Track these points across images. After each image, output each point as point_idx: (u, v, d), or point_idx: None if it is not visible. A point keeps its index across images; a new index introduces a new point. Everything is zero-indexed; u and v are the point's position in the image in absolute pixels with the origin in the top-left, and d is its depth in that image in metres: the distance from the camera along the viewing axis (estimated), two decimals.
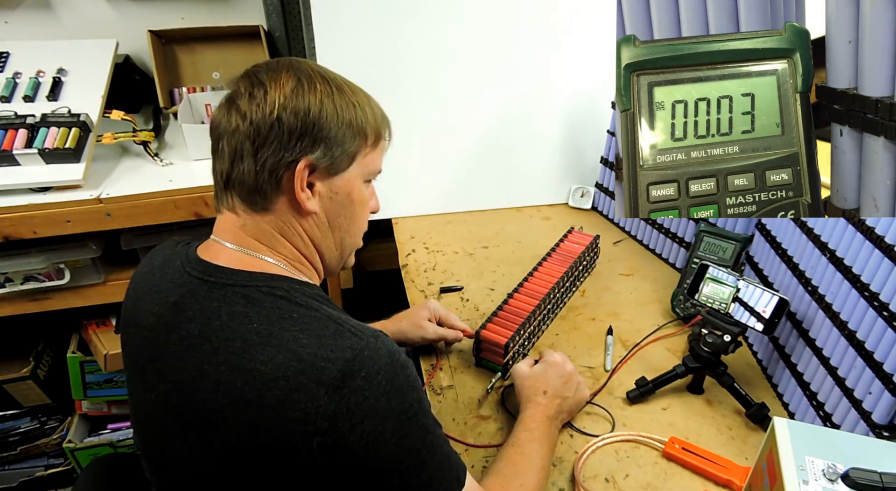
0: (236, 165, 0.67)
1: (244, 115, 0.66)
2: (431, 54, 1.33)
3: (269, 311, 0.64)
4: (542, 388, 0.89)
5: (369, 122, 0.72)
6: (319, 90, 0.68)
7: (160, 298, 0.71)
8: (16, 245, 1.27)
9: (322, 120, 0.68)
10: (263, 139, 0.66)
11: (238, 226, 0.71)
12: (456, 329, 1.05)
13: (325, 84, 0.69)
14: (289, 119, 0.66)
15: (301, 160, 0.67)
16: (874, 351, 0.76)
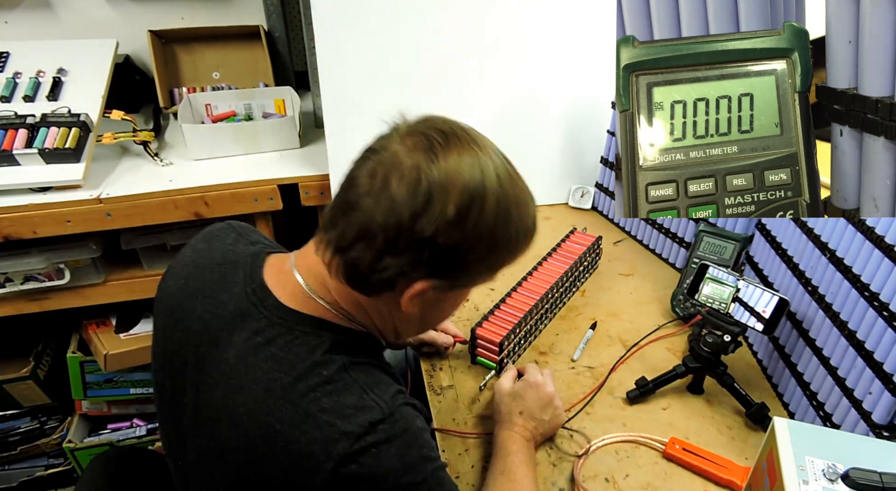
0: (357, 244, 0.60)
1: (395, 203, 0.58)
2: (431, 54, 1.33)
3: (301, 362, 0.62)
4: (518, 408, 0.87)
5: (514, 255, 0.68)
6: (489, 211, 0.60)
7: (213, 305, 0.69)
8: (16, 245, 1.27)
9: (469, 256, 0.62)
10: (399, 247, 0.59)
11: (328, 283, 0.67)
12: (448, 334, 1.05)
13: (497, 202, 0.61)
14: (438, 242, 0.59)
15: (423, 281, 0.62)
16: (874, 351, 0.76)
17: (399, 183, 0.58)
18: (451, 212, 0.58)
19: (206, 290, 0.71)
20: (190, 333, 0.69)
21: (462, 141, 0.61)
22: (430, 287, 0.63)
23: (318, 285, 0.68)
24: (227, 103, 1.55)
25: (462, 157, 0.60)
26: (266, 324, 0.65)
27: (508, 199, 0.63)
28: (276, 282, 0.69)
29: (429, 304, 0.68)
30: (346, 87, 1.30)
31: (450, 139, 0.61)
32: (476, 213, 0.59)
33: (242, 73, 1.67)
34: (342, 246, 0.61)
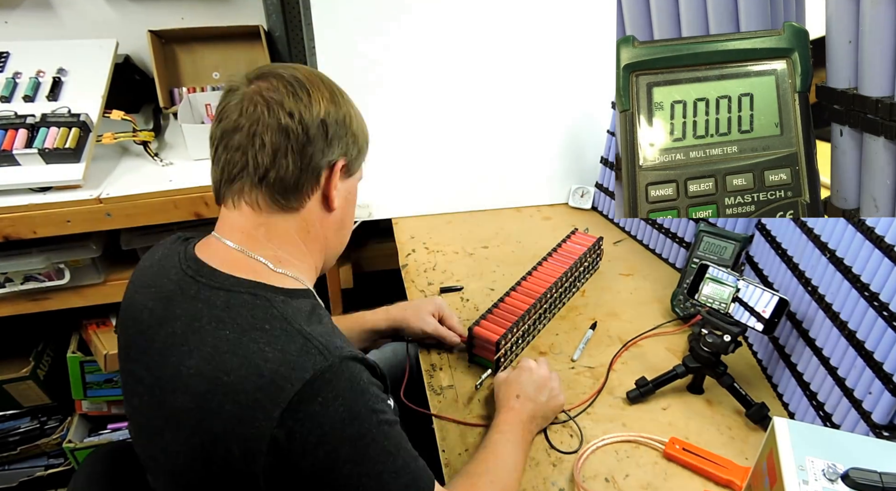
0: (278, 161, 0.67)
1: (291, 114, 0.67)
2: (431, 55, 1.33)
3: (244, 319, 0.65)
4: (514, 391, 0.89)
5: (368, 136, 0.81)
6: (347, 101, 0.75)
7: (155, 292, 0.72)
8: (16, 245, 1.27)
9: (353, 127, 0.74)
10: (311, 138, 0.69)
11: (253, 224, 0.71)
12: (455, 332, 1.06)
13: (345, 96, 0.75)
14: (332, 123, 0.70)
15: (340, 160, 0.72)
16: (874, 351, 0.76)
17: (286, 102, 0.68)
18: (326, 95, 0.71)
19: (147, 282, 0.74)
20: (139, 324, 0.71)
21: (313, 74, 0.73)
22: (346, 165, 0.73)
23: (246, 238, 0.71)
24: None
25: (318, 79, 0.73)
26: (205, 290, 0.68)
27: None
28: (208, 254, 0.72)
29: (343, 200, 0.76)
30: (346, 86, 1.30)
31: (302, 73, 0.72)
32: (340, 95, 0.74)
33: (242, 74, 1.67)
34: (266, 171, 0.68)
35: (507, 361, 1.03)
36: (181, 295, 0.69)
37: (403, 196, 1.46)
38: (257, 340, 0.63)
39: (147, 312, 0.71)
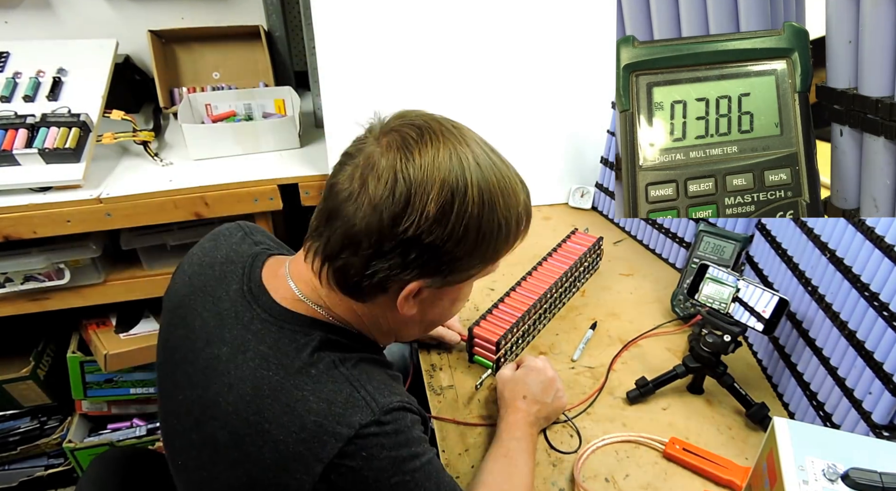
0: (343, 251, 0.61)
1: (375, 207, 0.58)
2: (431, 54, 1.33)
3: (290, 361, 0.62)
4: (521, 392, 0.88)
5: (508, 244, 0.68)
6: (470, 202, 0.59)
7: (212, 302, 0.69)
8: (16, 245, 1.27)
9: (458, 251, 0.61)
10: (385, 251, 0.60)
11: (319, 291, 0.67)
12: (454, 330, 1.06)
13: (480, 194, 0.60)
14: (423, 241, 0.59)
15: (415, 281, 0.62)
16: (874, 351, 0.76)
17: (376, 185, 0.58)
18: (432, 210, 0.58)
19: (206, 287, 0.71)
20: (190, 330, 0.70)
21: (438, 134, 0.60)
22: (424, 286, 0.63)
23: (310, 292, 0.67)
24: (227, 103, 1.55)
25: (439, 151, 0.59)
26: (257, 321, 0.65)
27: (492, 189, 0.61)
28: (272, 285, 0.69)
29: (427, 303, 0.67)
30: (346, 87, 1.30)
31: (425, 134, 0.60)
32: (459, 207, 0.59)
33: (242, 73, 1.67)
34: (329, 254, 0.62)
35: (508, 361, 1.03)
36: (234, 318, 0.66)
37: None
38: (301, 387, 0.60)
39: (201, 322, 0.69)
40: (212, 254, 0.76)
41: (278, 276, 0.70)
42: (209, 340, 0.67)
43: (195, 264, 0.76)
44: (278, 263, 0.72)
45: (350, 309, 0.67)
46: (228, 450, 0.62)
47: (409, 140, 0.60)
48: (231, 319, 0.67)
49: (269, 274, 0.70)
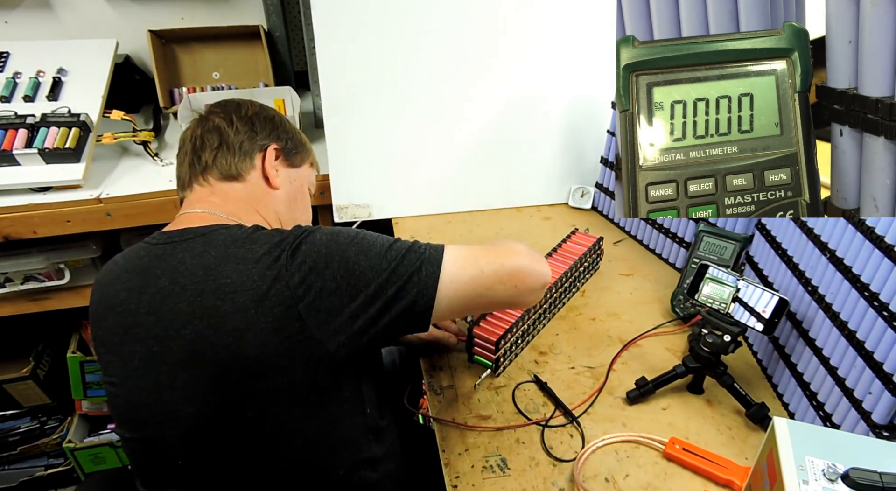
0: (218, 151, 0.86)
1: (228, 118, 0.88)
2: (431, 54, 1.33)
3: (224, 239, 0.73)
4: None
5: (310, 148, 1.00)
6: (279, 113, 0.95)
7: (127, 275, 0.76)
8: (16, 245, 1.27)
9: (283, 123, 0.94)
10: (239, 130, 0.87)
11: (208, 194, 0.85)
12: (450, 331, 1.05)
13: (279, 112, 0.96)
14: (261, 118, 0.91)
15: (272, 145, 0.90)
16: (874, 351, 0.76)
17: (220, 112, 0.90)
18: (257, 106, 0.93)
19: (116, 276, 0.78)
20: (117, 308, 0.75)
21: None
22: (278, 150, 0.90)
23: (207, 206, 0.83)
24: None
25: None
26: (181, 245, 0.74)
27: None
28: (174, 225, 0.80)
29: (288, 184, 0.91)
30: (346, 87, 1.31)
31: None
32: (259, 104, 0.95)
33: (242, 73, 1.68)
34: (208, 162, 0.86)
35: (507, 361, 1.03)
36: (157, 259, 0.75)
37: (403, 196, 1.46)
38: (242, 246, 0.72)
39: (124, 293, 0.74)
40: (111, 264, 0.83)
41: (176, 220, 0.83)
42: (140, 291, 0.73)
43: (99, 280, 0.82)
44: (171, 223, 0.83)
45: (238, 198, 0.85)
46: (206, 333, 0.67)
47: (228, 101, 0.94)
48: (154, 263, 0.74)
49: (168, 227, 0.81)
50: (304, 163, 0.97)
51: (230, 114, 0.89)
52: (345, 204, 1.40)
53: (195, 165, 0.86)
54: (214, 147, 0.86)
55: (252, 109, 0.91)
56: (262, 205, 0.87)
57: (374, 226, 1.54)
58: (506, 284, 0.77)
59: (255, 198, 0.87)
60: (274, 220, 0.89)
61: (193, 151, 0.87)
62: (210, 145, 0.86)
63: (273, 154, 0.89)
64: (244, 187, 0.86)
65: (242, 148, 0.87)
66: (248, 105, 0.92)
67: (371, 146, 1.36)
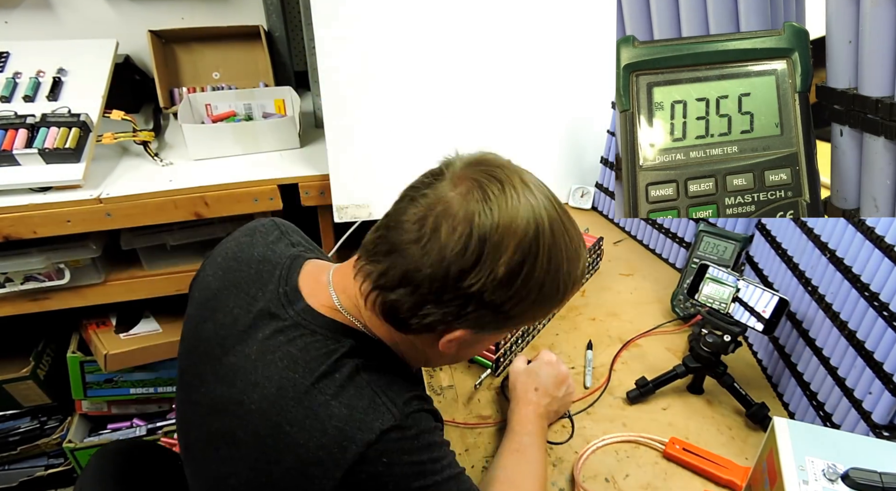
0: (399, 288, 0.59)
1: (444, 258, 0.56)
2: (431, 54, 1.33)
3: (317, 364, 0.62)
4: (533, 384, 0.89)
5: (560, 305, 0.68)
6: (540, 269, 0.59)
7: (245, 301, 0.69)
8: (16, 245, 1.27)
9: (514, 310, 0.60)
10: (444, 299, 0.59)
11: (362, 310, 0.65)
12: None
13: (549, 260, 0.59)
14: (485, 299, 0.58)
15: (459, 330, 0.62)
16: (874, 351, 0.76)
17: (450, 235, 0.56)
18: (502, 272, 0.57)
19: (241, 284, 0.71)
20: (219, 326, 0.69)
21: (518, 190, 0.59)
22: (471, 334, 0.62)
23: (351, 306, 0.66)
24: (227, 103, 1.55)
25: (519, 211, 0.57)
26: (290, 324, 0.65)
27: (560, 255, 0.60)
28: (310, 290, 0.68)
29: (467, 344, 0.66)
30: (346, 87, 1.30)
31: (506, 188, 0.58)
32: (528, 271, 0.58)
33: (242, 73, 1.68)
34: (383, 286, 0.60)
35: (507, 361, 1.03)
36: (268, 319, 0.66)
37: None
38: (325, 392, 0.60)
39: (231, 319, 0.69)
40: (247, 250, 0.75)
41: (319, 282, 0.68)
42: (240, 337, 0.67)
43: (230, 259, 0.75)
44: (319, 269, 0.71)
45: (388, 333, 0.66)
46: (248, 448, 0.62)
47: (490, 193, 0.57)
48: (265, 320, 0.66)
49: (309, 279, 0.69)
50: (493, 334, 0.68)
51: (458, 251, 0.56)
52: (345, 204, 1.40)
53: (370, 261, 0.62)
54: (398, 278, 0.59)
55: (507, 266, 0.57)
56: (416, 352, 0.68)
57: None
58: None
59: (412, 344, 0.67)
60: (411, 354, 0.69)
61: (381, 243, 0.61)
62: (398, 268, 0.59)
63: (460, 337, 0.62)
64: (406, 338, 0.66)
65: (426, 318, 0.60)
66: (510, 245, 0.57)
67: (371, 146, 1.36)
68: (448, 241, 0.56)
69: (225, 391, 0.66)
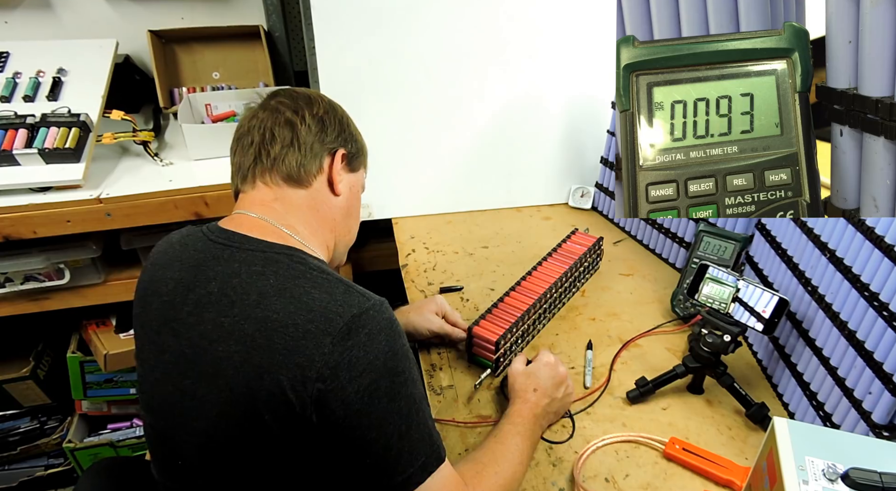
0: (289, 149, 0.80)
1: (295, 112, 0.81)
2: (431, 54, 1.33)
3: (286, 270, 0.70)
4: (532, 385, 0.90)
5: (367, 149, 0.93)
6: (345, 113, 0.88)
7: (181, 265, 0.75)
8: (16, 245, 1.27)
9: (352, 129, 0.88)
10: (311, 129, 0.81)
11: (271, 198, 0.80)
12: (459, 327, 1.06)
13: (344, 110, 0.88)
14: (331, 118, 0.84)
15: (340, 149, 0.84)
16: (874, 351, 0.76)
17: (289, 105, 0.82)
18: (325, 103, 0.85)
19: (169, 260, 0.77)
20: (164, 296, 0.74)
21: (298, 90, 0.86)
22: (345, 156, 0.84)
23: (268, 212, 0.79)
24: (227, 103, 1.55)
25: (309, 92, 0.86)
26: (241, 253, 0.72)
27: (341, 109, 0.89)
28: (235, 225, 0.77)
29: (347, 191, 0.86)
30: (346, 87, 1.31)
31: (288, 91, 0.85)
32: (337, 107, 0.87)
33: (242, 73, 1.68)
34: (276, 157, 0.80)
35: (507, 361, 1.03)
36: (213, 260, 0.73)
37: (403, 196, 1.46)
38: (302, 285, 0.68)
39: (172, 283, 0.74)
40: (166, 242, 0.83)
41: (233, 218, 0.79)
42: (189, 288, 0.72)
43: (153, 258, 0.82)
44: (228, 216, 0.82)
45: (300, 208, 0.81)
46: (235, 356, 0.66)
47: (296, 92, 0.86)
48: (209, 263, 0.73)
49: (226, 222, 0.79)
50: (361, 166, 0.93)
51: (302, 109, 0.83)
52: None
53: (262, 160, 0.81)
54: (286, 144, 0.81)
55: (323, 107, 0.85)
56: (321, 215, 0.84)
57: (374, 225, 1.54)
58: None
59: (315, 207, 0.83)
60: (329, 230, 0.85)
61: (262, 144, 0.81)
62: (282, 141, 0.81)
63: (340, 159, 0.84)
64: (307, 194, 0.82)
65: (313, 149, 0.82)
66: (318, 101, 0.85)
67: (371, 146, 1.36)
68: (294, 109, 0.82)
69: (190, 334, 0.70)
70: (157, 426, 0.76)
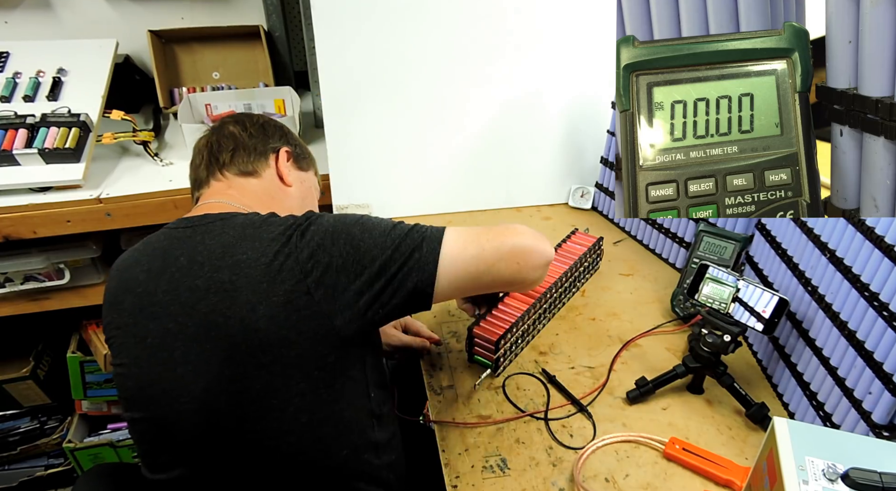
0: (235, 152, 0.92)
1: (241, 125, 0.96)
2: (431, 54, 1.33)
3: (241, 223, 0.77)
4: None
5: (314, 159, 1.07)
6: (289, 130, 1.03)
7: (147, 259, 0.79)
8: (16, 245, 1.27)
9: (290, 132, 1.01)
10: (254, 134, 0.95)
11: (226, 187, 0.89)
12: (421, 336, 1.05)
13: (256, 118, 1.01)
14: (271, 125, 0.98)
15: (283, 146, 0.96)
16: (874, 351, 0.76)
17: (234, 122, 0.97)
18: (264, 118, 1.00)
19: (135, 259, 0.81)
20: (136, 289, 0.77)
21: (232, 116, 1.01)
22: (289, 153, 0.97)
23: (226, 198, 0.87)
24: (227, 103, 1.55)
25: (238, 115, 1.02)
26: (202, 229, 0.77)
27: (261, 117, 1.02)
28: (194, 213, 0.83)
29: (298, 183, 0.97)
30: (346, 87, 1.30)
31: None
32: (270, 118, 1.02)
33: (242, 73, 1.68)
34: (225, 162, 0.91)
35: (507, 361, 1.03)
36: (177, 241, 0.78)
37: (403, 196, 1.46)
38: (258, 228, 0.75)
39: (143, 275, 0.77)
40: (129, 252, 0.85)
41: (192, 210, 0.86)
42: (160, 272, 0.76)
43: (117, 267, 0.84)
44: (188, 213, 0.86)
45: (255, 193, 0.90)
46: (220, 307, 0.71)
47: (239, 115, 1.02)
48: (174, 245, 0.77)
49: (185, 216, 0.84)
50: (310, 170, 1.03)
51: (243, 121, 0.96)
52: (345, 204, 1.40)
53: (212, 165, 0.91)
54: (231, 149, 0.92)
55: (262, 118, 0.99)
56: (277, 201, 0.92)
57: None
58: (507, 261, 0.78)
59: (270, 194, 0.91)
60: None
61: (211, 153, 0.92)
62: (226, 147, 0.92)
63: (285, 156, 0.95)
64: (260, 183, 0.91)
65: (257, 149, 0.93)
66: (257, 115, 1.00)
67: (371, 146, 1.36)
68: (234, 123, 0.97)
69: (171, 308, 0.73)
70: (146, 417, 0.76)
